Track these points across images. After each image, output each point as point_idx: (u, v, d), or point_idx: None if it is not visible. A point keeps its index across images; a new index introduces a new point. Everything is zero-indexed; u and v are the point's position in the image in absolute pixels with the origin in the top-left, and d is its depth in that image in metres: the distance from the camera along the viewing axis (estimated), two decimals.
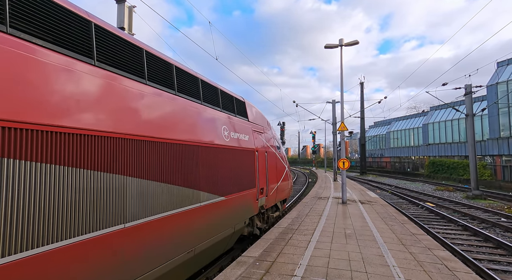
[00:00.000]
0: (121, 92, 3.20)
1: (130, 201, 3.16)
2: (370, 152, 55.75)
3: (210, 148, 4.88)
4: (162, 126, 3.78)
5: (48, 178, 2.34)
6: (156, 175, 3.57)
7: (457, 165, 28.63)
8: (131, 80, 3.42)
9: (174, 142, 3.96)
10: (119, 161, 3.05)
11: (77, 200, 2.57)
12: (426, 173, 33.04)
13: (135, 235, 3.19)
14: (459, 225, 9.62)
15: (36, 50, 2.40)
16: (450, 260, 4.90)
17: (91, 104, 2.79)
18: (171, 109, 4.06)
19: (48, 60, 2.48)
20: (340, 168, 11.14)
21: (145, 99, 3.55)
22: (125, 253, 3.08)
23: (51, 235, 2.35)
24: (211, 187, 4.78)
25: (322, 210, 9.93)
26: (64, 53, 2.67)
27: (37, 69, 2.37)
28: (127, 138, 3.17)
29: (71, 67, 2.68)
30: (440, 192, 19.31)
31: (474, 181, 16.71)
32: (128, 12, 6.44)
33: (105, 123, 2.91)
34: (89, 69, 2.86)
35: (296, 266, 4.54)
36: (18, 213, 2.13)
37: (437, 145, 35.78)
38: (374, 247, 5.57)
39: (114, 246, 2.92)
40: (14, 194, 2.11)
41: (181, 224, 4.00)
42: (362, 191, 16.41)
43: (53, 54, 2.55)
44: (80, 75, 2.75)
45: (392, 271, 4.38)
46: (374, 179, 31.63)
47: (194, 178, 4.32)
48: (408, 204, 14.40)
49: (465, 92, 17.07)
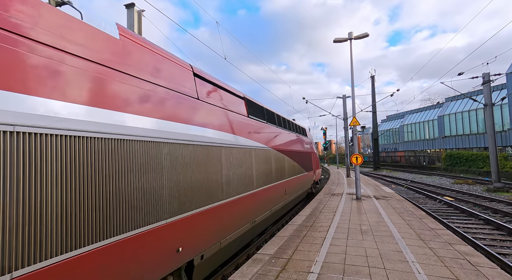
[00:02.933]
0: (258, 126, 7.20)
1: (240, 181, 5.60)
2: (384, 147, 54.55)
3: (299, 152, 11.60)
4: (272, 141, 8.12)
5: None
6: (278, 167, 8.35)
7: (476, 157, 27.59)
8: (259, 121, 7.39)
9: (277, 150, 8.43)
10: (260, 161, 6.91)
11: (219, 182, 4.74)
12: (443, 166, 32.05)
13: (243, 199, 5.74)
14: (481, 219, 9.28)
15: (255, 121, 7.06)
16: (473, 255, 4.74)
17: (254, 133, 6.78)
18: (286, 136, 10.10)
19: (256, 123, 7.03)
20: (353, 163, 10.97)
21: (265, 129, 7.74)
22: (246, 207, 5.89)
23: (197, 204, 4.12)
24: (302, 169, 11.76)
25: (336, 206, 9.82)
26: (258, 119, 7.31)
27: (252, 126, 6.68)
28: (261, 148, 7.05)
29: (258, 123, 7.23)
30: (459, 186, 18.68)
31: (495, 173, 16.05)
32: (138, 17, 6.56)
33: (262, 141, 7.27)
34: (262, 124, 7.58)
35: (312, 263, 4.52)
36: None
37: (454, 137, 34.59)
38: (392, 243, 5.46)
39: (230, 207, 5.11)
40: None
41: (293, 182, 10.04)
42: (377, 186, 16.10)
43: (257, 121, 7.19)
44: (259, 124, 7.33)
45: (412, 267, 4.28)
46: (388, 174, 30.97)
47: (294, 166, 10.45)
48: (425, 198, 14.02)
49: (483, 81, 16.36)
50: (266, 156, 7.30)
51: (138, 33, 6.72)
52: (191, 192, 3.90)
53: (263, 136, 7.35)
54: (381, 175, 28.35)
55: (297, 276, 4.06)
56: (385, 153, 52.28)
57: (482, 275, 3.94)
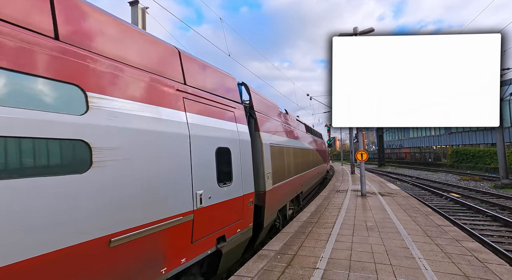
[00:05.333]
0: (308, 136, 13.48)
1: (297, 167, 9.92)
2: (388, 143, 54.10)
3: (321, 150, 17.79)
4: (312, 144, 14.03)
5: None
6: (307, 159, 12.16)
7: (483, 153, 27.22)
8: (308, 134, 13.38)
9: (314, 149, 14.54)
10: (309, 155, 12.41)
11: (306, 164, 11.39)
12: (449, 163, 31.70)
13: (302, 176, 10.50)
14: (488, 215, 9.17)
15: (308, 134, 13.93)
16: (481, 252, 4.70)
17: (309, 142, 13.44)
18: (315, 140, 16.12)
19: (307, 135, 13.72)
20: (358, 160, 10.90)
21: (309, 138, 13.67)
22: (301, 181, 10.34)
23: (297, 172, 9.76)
24: (323, 161, 18.29)
25: (341, 203, 9.79)
26: (307, 133, 13.80)
27: (308, 138, 13.68)
28: (310, 149, 13.27)
29: (308, 134, 13.77)
30: (466, 182, 18.47)
31: (503, 170, 15.82)
32: (142, 14, 6.57)
33: (310, 145, 13.63)
34: (308, 135, 14.04)
35: (318, 259, 4.52)
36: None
37: (460, 134, 34.14)
38: (398, 239, 5.43)
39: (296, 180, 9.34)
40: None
41: (320, 168, 16.77)
42: (382, 183, 16.00)
43: (307, 134, 13.81)
44: (308, 135, 13.98)
45: (419, 263, 4.26)
46: (393, 170, 30.74)
47: (319, 159, 16.26)
48: (431, 195, 13.90)
49: None
50: (311, 153, 13.38)
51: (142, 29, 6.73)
52: (299, 166, 9.67)
53: (309, 141, 13.23)
54: (386, 172, 28.16)
55: (303, 271, 4.06)
56: (390, 150, 51.86)
57: (491, 272, 3.90)
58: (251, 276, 3.93)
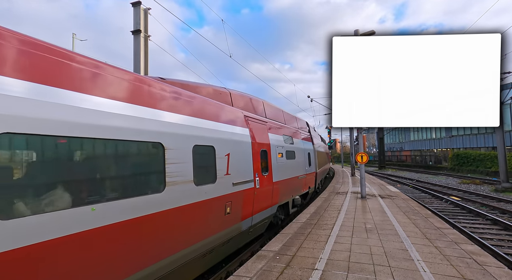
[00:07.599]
0: (321, 142, 19.86)
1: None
2: (389, 146, 54.05)
3: (326, 153, 22.81)
4: (321, 147, 18.31)
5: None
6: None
7: (483, 157, 27.17)
8: (320, 141, 20.07)
9: (323, 152, 18.49)
10: (320, 156, 16.69)
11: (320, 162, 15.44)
12: (449, 166, 31.64)
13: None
14: (488, 219, 9.16)
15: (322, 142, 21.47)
16: (480, 255, 4.69)
17: (321, 146, 18.99)
18: (323, 145, 21.50)
19: (321, 142, 21.04)
20: (359, 162, 10.91)
21: (322, 144, 20.07)
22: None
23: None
24: (327, 161, 22.87)
25: (340, 205, 9.79)
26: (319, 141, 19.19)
27: (322, 145, 20.17)
28: (322, 152, 18.80)
29: (321, 142, 21.58)
30: (466, 186, 18.44)
31: (504, 173, 15.80)
32: (144, 15, 6.62)
33: (321, 148, 18.73)
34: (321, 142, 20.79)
35: (317, 260, 4.53)
36: None
37: (461, 137, 34.11)
38: (397, 241, 5.44)
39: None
40: None
41: (326, 167, 20.58)
42: (382, 186, 15.99)
43: (320, 141, 20.83)
44: (322, 142, 21.88)
45: (417, 265, 4.26)
46: (394, 173, 30.71)
47: (326, 160, 21.22)
48: (431, 198, 13.88)
49: None
50: (323, 155, 17.68)
51: (144, 31, 6.77)
52: (322, 161, 16.36)
53: (323, 147, 18.36)
54: (387, 175, 28.13)
55: (301, 272, 4.07)
56: (391, 153, 51.81)
57: (489, 274, 3.90)
58: (250, 276, 3.94)
